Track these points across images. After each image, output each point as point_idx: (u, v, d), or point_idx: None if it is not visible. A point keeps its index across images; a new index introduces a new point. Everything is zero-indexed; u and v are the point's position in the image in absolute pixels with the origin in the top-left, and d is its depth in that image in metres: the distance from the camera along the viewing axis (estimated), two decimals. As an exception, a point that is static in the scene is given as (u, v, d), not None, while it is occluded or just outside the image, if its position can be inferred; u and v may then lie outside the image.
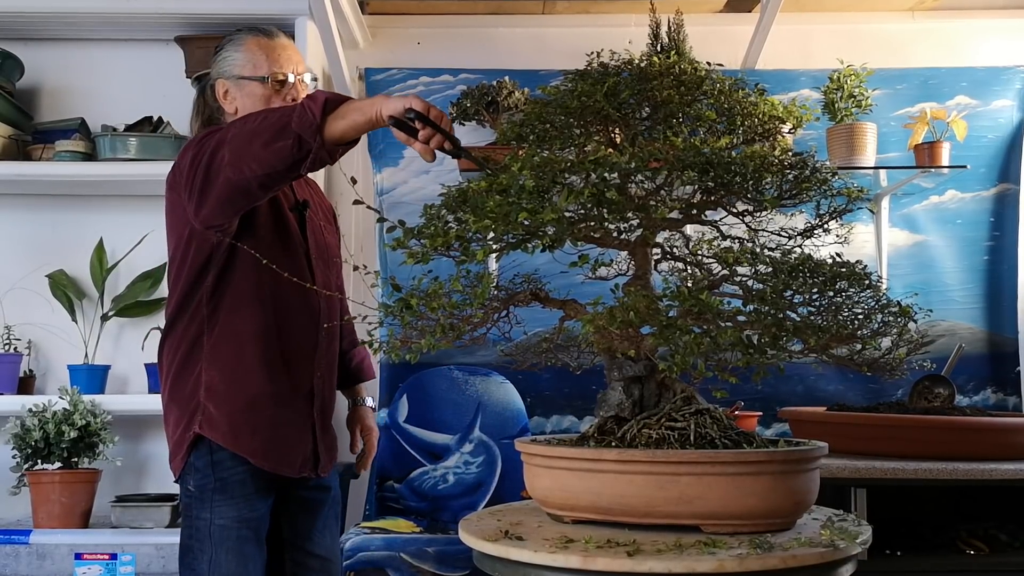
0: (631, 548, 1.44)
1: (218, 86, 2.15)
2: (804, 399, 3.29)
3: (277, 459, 2.03)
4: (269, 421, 2.01)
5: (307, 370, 2.09)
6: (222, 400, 1.99)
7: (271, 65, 2.12)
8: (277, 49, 2.15)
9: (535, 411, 3.37)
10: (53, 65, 3.43)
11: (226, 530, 2.00)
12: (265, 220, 2.04)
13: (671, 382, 1.71)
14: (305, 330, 2.08)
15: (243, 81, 2.12)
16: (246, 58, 2.13)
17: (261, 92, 2.11)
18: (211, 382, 2.00)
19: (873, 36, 3.57)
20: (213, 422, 1.99)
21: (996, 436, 2.52)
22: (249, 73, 2.12)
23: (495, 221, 1.52)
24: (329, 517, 2.23)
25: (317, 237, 2.18)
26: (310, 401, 2.10)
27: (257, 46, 2.14)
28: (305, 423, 2.09)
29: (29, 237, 3.38)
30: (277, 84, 2.11)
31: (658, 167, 1.65)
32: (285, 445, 2.04)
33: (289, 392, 2.05)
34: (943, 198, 3.48)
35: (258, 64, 2.12)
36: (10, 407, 3.00)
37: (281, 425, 2.04)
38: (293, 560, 2.17)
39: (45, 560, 2.83)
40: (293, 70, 2.14)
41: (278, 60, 2.13)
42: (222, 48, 2.18)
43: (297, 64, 2.16)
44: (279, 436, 2.03)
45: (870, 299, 1.61)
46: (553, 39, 3.59)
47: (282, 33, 2.21)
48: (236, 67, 2.13)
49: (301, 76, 2.15)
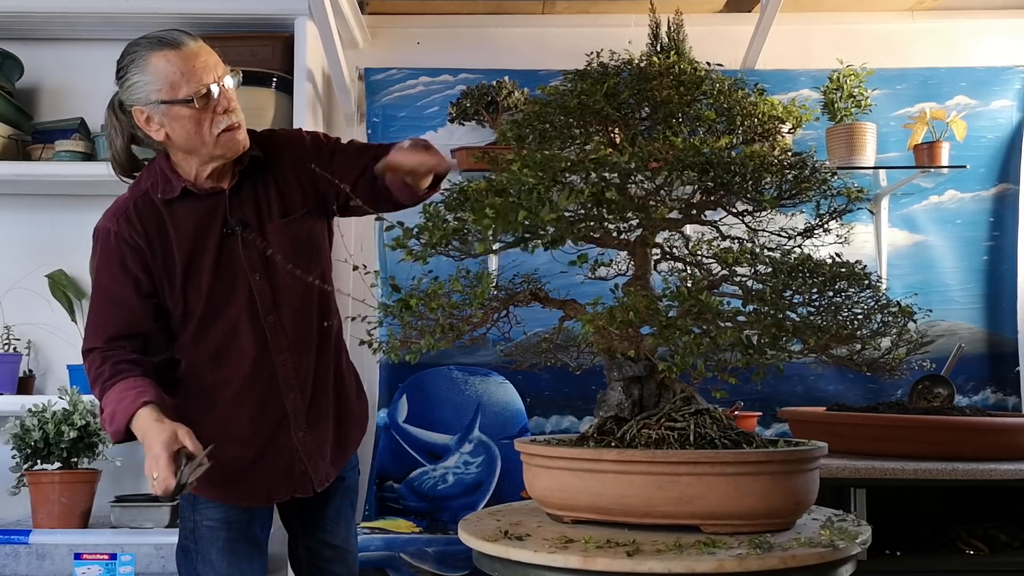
0: (631, 548, 1.44)
1: (136, 114, 1.91)
2: (804, 399, 3.29)
3: (236, 497, 2.03)
4: (227, 477, 1.98)
5: (274, 401, 2.01)
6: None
7: (189, 81, 1.87)
8: (189, 59, 1.88)
9: (535, 411, 3.36)
10: (53, 65, 3.42)
11: (215, 531, 2.01)
12: (199, 283, 1.97)
13: (671, 382, 1.71)
14: (262, 362, 2.00)
15: (164, 106, 1.88)
16: (158, 79, 1.87)
17: (189, 114, 1.88)
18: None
19: (873, 36, 3.57)
20: None
21: (996, 436, 2.52)
22: (168, 96, 1.87)
23: (495, 220, 1.52)
24: (343, 507, 2.20)
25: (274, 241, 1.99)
26: (286, 430, 2.03)
27: (166, 61, 1.87)
28: (279, 455, 2.04)
29: (29, 237, 3.38)
30: (203, 100, 1.87)
31: (658, 167, 1.65)
32: (243, 485, 2.02)
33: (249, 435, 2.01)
34: (943, 198, 3.47)
35: (175, 83, 1.87)
36: (10, 407, 3.00)
37: (239, 471, 2.01)
38: (307, 549, 2.17)
39: (45, 560, 2.83)
40: (213, 78, 1.89)
41: (195, 72, 1.87)
42: (126, 71, 1.91)
43: (215, 68, 1.91)
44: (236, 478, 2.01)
45: (870, 299, 1.62)
46: (553, 39, 3.58)
47: (186, 35, 1.92)
48: (151, 92, 1.88)
49: (222, 80, 1.91)
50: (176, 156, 1.97)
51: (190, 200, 1.96)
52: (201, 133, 1.90)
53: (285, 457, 2.04)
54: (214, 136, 1.91)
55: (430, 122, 3.45)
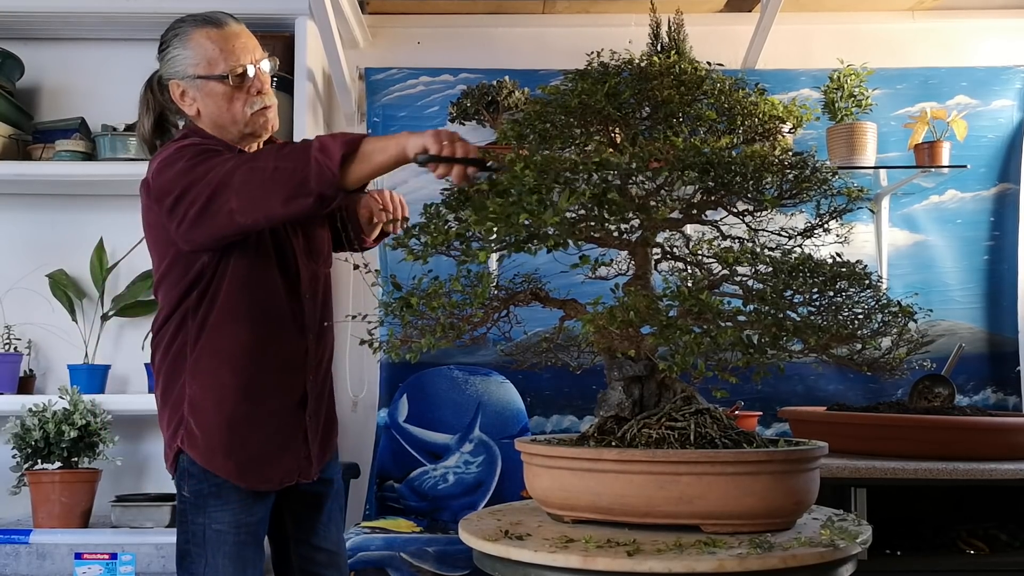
0: (631, 548, 1.44)
1: (172, 88, 1.99)
2: (804, 399, 3.29)
3: (254, 478, 2.00)
4: (244, 442, 1.98)
5: (298, 378, 2.04)
6: (202, 417, 1.98)
7: (227, 59, 1.94)
8: (230, 39, 1.96)
9: (535, 411, 3.36)
10: (53, 65, 3.42)
11: (223, 535, 1.98)
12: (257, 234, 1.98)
13: (671, 382, 1.71)
14: (295, 338, 2.03)
15: (200, 81, 1.95)
16: (198, 54, 1.95)
17: (222, 91, 1.95)
18: (193, 397, 1.98)
19: (873, 36, 3.57)
20: (193, 439, 1.98)
21: (996, 436, 2.52)
22: (205, 72, 1.94)
23: (496, 222, 1.52)
24: (333, 510, 2.20)
25: (306, 228, 2.09)
26: (303, 408, 2.05)
27: (207, 39, 1.95)
28: (295, 434, 2.04)
29: (29, 237, 3.38)
30: (237, 79, 1.94)
31: (658, 167, 1.65)
32: (264, 463, 2.01)
33: (275, 407, 2.00)
34: (943, 198, 3.48)
35: (213, 60, 1.94)
36: (10, 407, 3.00)
37: (260, 443, 2.00)
38: (300, 555, 2.16)
39: (45, 560, 2.82)
40: (251, 59, 1.96)
41: (234, 52, 1.95)
42: (168, 45, 1.99)
43: (254, 51, 1.99)
44: (258, 456, 1.99)
45: (870, 299, 1.62)
46: (553, 39, 3.59)
47: (231, 17, 2.00)
48: (189, 66, 1.95)
49: (259, 63, 1.98)
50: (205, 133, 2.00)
51: None
52: (232, 111, 1.95)
53: (298, 439, 2.05)
54: (246, 115, 1.96)
55: (430, 122, 3.46)
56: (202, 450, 1.96)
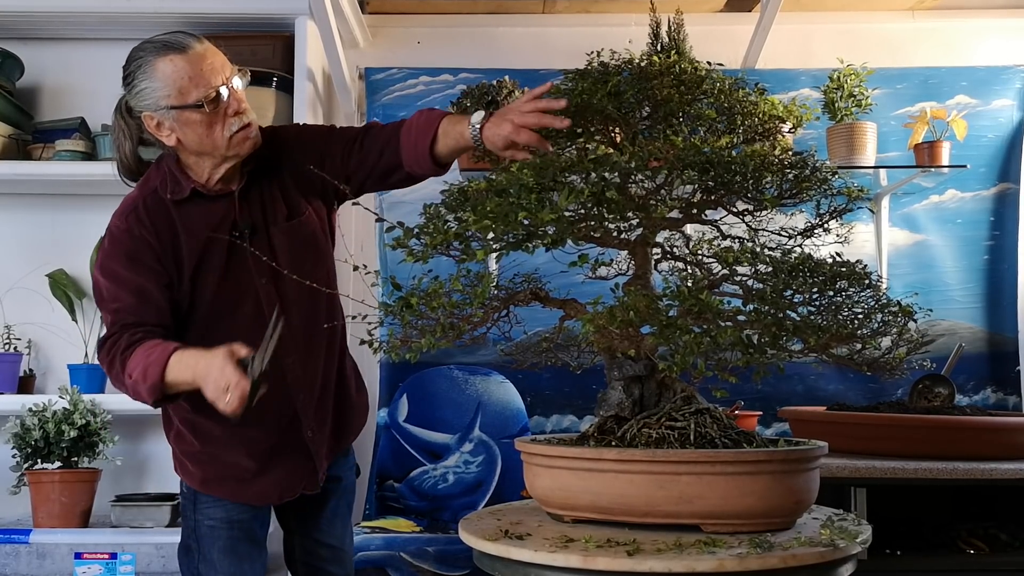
0: (631, 548, 1.44)
1: (146, 120, 1.89)
2: (804, 399, 3.29)
3: (247, 496, 2.02)
4: (235, 474, 1.99)
5: (283, 398, 1.98)
6: (189, 451, 2.01)
7: (198, 85, 1.84)
8: (196, 63, 1.85)
9: (535, 411, 3.36)
10: (53, 65, 3.42)
11: (216, 530, 2.01)
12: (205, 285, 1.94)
13: (671, 381, 1.71)
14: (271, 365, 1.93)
15: (175, 111, 1.86)
16: (167, 85, 1.85)
17: (199, 118, 1.85)
18: (180, 428, 2.01)
19: (873, 36, 3.57)
20: (185, 468, 2.03)
21: (996, 436, 2.52)
22: (178, 102, 1.85)
23: (495, 221, 1.52)
24: (340, 507, 2.20)
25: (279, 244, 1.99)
26: (295, 426, 2.01)
27: (173, 67, 1.84)
28: (290, 454, 2.02)
29: (29, 237, 3.38)
30: (212, 104, 1.85)
31: (658, 166, 1.65)
32: (254, 485, 2.02)
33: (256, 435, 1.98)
34: (943, 198, 3.48)
35: (184, 89, 1.84)
36: (10, 406, 3.00)
37: (246, 470, 2.00)
38: (304, 549, 2.17)
39: (45, 560, 2.82)
40: (222, 80, 1.87)
41: (203, 76, 1.85)
42: (133, 78, 1.88)
43: (223, 69, 1.89)
44: (247, 480, 2.01)
45: (870, 299, 1.62)
46: (553, 38, 3.58)
47: (191, 37, 1.89)
48: (160, 97, 1.85)
49: (230, 81, 1.89)
50: (187, 159, 1.94)
51: (199, 201, 1.94)
52: (213, 137, 1.88)
53: (298, 457, 2.04)
54: (226, 139, 1.89)
55: (431, 122, 3.45)
56: (198, 479, 2.02)
